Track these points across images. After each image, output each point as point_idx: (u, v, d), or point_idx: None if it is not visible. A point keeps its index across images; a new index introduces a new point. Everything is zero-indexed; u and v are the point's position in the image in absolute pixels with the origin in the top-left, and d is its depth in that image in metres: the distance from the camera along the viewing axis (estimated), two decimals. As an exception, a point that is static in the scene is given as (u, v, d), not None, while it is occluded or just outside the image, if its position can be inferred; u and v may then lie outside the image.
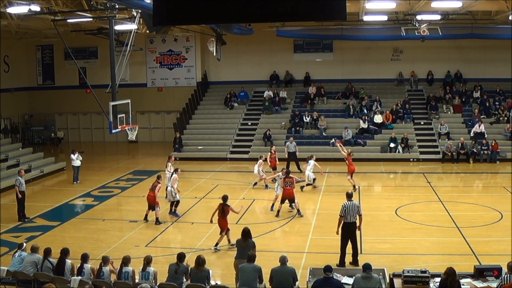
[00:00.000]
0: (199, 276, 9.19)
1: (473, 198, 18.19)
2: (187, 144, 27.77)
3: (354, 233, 11.54)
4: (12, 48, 30.95)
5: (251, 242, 10.71)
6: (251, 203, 17.61)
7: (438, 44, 28.61)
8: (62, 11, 19.25)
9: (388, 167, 24.30)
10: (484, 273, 9.04)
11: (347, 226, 11.44)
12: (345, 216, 11.36)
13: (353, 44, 29.88)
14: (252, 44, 30.80)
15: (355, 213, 11.45)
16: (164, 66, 32.80)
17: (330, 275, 8.49)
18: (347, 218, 11.38)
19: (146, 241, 13.93)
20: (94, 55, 33.13)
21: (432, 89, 29.56)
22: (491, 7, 20.45)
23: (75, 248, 11.49)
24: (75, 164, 21.60)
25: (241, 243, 10.73)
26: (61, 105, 33.70)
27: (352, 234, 11.49)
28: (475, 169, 23.67)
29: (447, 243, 13.29)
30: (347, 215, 11.36)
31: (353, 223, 11.46)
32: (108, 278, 9.49)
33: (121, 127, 17.14)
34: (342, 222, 11.45)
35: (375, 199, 18.74)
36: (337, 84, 31.04)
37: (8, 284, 9.89)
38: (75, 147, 24.45)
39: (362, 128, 27.02)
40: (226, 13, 5.86)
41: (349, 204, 11.43)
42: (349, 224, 11.43)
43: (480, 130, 25.51)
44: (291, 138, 23.71)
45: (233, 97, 30.83)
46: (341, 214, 11.40)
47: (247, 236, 10.76)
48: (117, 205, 18.47)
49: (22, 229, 15.21)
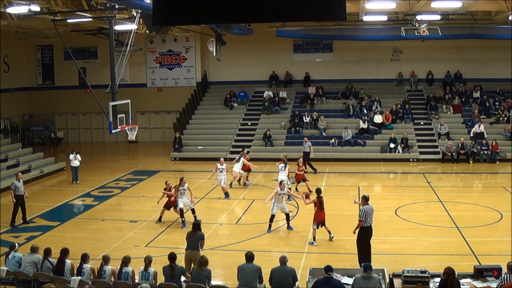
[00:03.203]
0: (200, 276, 9.19)
1: (473, 198, 18.18)
2: (187, 144, 27.77)
3: (371, 237, 11.34)
4: (12, 48, 30.95)
5: (200, 234, 10.99)
6: (251, 203, 17.62)
7: (438, 44, 28.62)
8: (62, 11, 19.24)
9: (388, 167, 24.30)
10: (484, 273, 9.04)
11: (365, 230, 11.23)
12: (365, 220, 11.14)
13: (353, 44, 29.88)
14: (252, 44, 30.80)
15: (372, 217, 11.25)
16: (164, 66, 32.80)
17: (331, 275, 8.49)
18: (366, 222, 11.15)
19: (146, 241, 13.93)
20: (94, 55, 33.14)
21: (432, 89, 29.56)
22: (491, 7, 20.44)
23: (75, 248, 11.50)
24: (74, 165, 21.60)
25: (190, 234, 10.99)
26: (61, 105, 33.70)
27: (369, 237, 11.29)
28: (475, 169, 23.67)
29: (447, 243, 13.29)
30: (366, 219, 11.13)
31: (370, 226, 11.25)
32: (109, 277, 9.50)
33: (121, 127, 17.13)
34: (360, 226, 11.24)
35: (375, 199, 18.51)
36: (337, 84, 31.05)
37: (8, 284, 9.88)
38: (75, 147, 24.48)
39: (362, 128, 27.02)
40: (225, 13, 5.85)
41: (367, 208, 11.18)
42: (368, 228, 11.22)
43: (480, 130, 25.51)
44: (306, 139, 23.58)
45: (233, 97, 30.84)
46: (361, 218, 11.14)
47: (196, 228, 11.06)
48: (117, 205, 18.47)
49: (22, 229, 15.19)
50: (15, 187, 15.65)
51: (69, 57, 30.00)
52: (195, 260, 10.26)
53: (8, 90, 30.91)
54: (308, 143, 23.06)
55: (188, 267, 10.38)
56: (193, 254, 10.61)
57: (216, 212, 16.75)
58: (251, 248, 12.37)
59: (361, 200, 11.48)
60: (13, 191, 15.59)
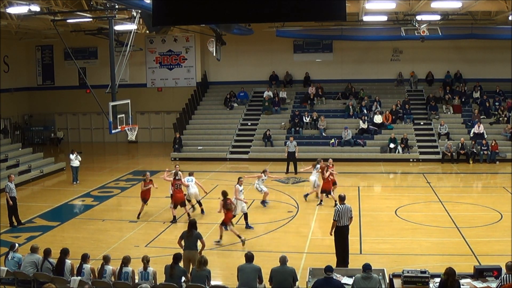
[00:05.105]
0: (200, 276, 9.19)
1: (472, 198, 18.19)
2: (187, 144, 27.77)
3: (347, 236, 11.43)
4: (12, 48, 30.95)
5: (197, 233, 10.96)
6: (250, 203, 17.61)
7: (438, 44, 28.62)
8: (62, 11, 19.25)
9: (388, 168, 24.30)
10: (483, 274, 9.05)
11: (340, 230, 11.32)
12: (339, 220, 11.23)
13: (353, 45, 29.88)
14: (252, 44, 30.81)
15: (348, 217, 11.29)
16: (163, 66, 32.80)
17: (331, 275, 8.49)
18: (341, 222, 11.24)
19: (146, 241, 13.94)
20: (94, 55, 33.14)
21: (432, 90, 29.56)
22: (491, 7, 20.44)
23: (75, 248, 11.50)
24: (74, 165, 21.60)
25: (187, 233, 10.95)
26: (61, 105, 33.70)
27: (345, 237, 11.39)
28: (474, 170, 23.67)
29: (447, 244, 13.29)
30: (340, 219, 11.22)
31: (346, 226, 11.33)
32: (110, 277, 9.50)
33: (120, 127, 17.12)
34: (335, 226, 11.33)
35: (374, 199, 18.75)
36: (336, 85, 31.05)
37: (8, 284, 9.88)
38: (74, 147, 24.48)
39: (362, 129, 27.02)
40: (225, 13, 5.85)
41: (342, 208, 11.25)
42: (343, 227, 11.31)
43: (479, 130, 25.51)
44: (291, 138, 23.73)
45: (233, 97, 30.84)
46: (335, 218, 11.24)
47: (192, 227, 10.99)
48: (117, 205, 18.47)
49: (22, 229, 15.20)
50: (10, 189, 15.52)
51: (69, 57, 30.00)
52: (193, 260, 10.27)
53: (8, 90, 30.92)
54: (293, 142, 23.09)
55: (187, 268, 10.38)
56: (192, 254, 10.62)
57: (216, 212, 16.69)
58: (251, 248, 12.39)
59: (338, 199, 11.58)
60: (8, 193, 15.43)
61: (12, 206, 15.49)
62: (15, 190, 15.88)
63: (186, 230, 11.12)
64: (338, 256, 11.35)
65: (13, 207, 15.52)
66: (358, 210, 15.90)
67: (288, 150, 22.95)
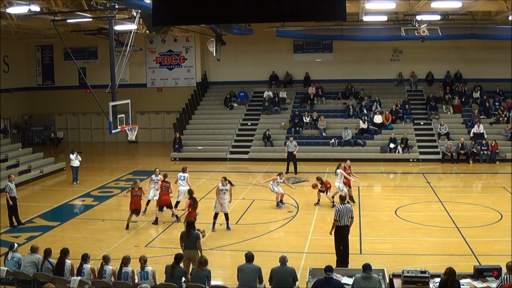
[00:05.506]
0: (200, 276, 9.19)
1: (472, 198, 18.19)
2: (187, 144, 27.77)
3: (347, 236, 11.44)
4: (12, 48, 30.95)
5: (195, 233, 10.97)
6: (250, 203, 17.62)
7: (438, 44, 28.62)
8: (62, 11, 19.25)
9: (388, 168, 24.31)
10: (483, 274, 9.05)
11: (340, 229, 11.32)
12: (339, 219, 11.25)
13: (353, 45, 29.88)
14: (252, 44, 30.81)
15: (349, 217, 11.30)
16: (163, 66, 32.80)
17: (331, 275, 8.49)
18: (341, 221, 11.25)
19: (146, 241, 13.94)
20: (94, 55, 33.14)
21: (432, 90, 29.56)
22: (491, 7, 20.44)
23: (75, 248, 11.49)
24: (74, 165, 21.59)
25: (186, 234, 10.96)
26: (61, 105, 33.71)
27: (345, 237, 11.40)
28: (474, 170, 23.67)
29: (447, 244, 13.29)
30: (341, 219, 11.22)
31: (347, 226, 11.34)
32: (110, 277, 9.50)
33: (120, 127, 17.12)
34: (335, 226, 11.34)
35: (374, 199, 18.75)
36: (336, 85, 31.06)
37: (8, 284, 9.88)
38: (74, 147, 24.47)
39: (362, 129, 27.02)
40: (225, 13, 5.85)
41: (343, 208, 11.26)
42: (343, 227, 11.31)
43: (479, 130, 25.51)
44: (291, 138, 23.72)
45: (233, 97, 30.84)
46: (336, 218, 11.25)
47: (191, 227, 11.01)
48: (117, 205, 18.46)
49: (22, 229, 15.19)
50: (10, 189, 15.50)
51: (69, 57, 29.97)
52: (194, 260, 10.27)
53: (8, 90, 30.91)
54: (293, 142, 23.08)
55: (187, 268, 10.38)
56: (192, 254, 10.62)
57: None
58: (251, 248, 12.38)
59: (338, 199, 11.59)
60: (8, 193, 15.41)
61: (12, 206, 15.48)
62: (15, 190, 15.87)
63: (184, 230, 11.15)
64: (338, 256, 11.36)
65: (13, 207, 15.51)
66: (358, 210, 15.89)
67: (288, 150, 22.94)
